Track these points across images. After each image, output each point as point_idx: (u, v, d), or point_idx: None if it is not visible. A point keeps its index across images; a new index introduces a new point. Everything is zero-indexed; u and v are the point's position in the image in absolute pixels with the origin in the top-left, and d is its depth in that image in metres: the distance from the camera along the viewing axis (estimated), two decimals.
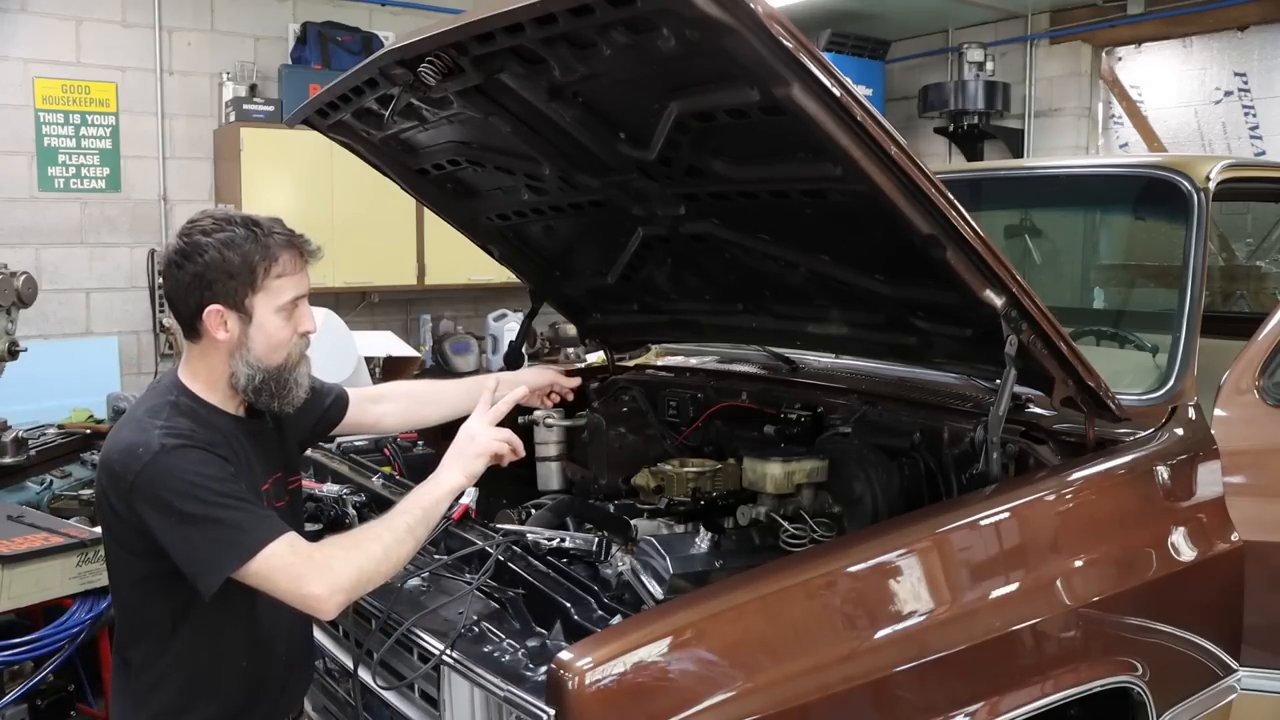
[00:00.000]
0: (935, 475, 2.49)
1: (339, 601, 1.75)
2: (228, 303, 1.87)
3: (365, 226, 6.53)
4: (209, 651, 1.92)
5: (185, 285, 1.87)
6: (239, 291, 1.87)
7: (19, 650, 2.96)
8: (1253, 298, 4.63)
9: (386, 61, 2.21)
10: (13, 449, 4.17)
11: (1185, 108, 6.90)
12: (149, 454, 1.77)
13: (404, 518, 1.86)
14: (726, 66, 1.77)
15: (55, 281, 6.17)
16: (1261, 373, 2.47)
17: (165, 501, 1.75)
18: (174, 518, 1.74)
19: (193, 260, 1.86)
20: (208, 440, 1.84)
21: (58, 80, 6.21)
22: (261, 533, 1.75)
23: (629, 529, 2.42)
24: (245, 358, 1.91)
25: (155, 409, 1.88)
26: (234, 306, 1.88)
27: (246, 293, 1.88)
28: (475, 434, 2.03)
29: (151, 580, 1.87)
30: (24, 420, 4.59)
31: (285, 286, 1.91)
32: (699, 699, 1.60)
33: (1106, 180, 3.29)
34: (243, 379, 1.91)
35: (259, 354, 1.91)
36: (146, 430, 1.81)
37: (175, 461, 1.77)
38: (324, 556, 1.77)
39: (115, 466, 1.80)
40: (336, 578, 1.75)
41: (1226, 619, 2.33)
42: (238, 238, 1.87)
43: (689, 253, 2.71)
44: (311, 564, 1.75)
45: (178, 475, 1.76)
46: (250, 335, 1.90)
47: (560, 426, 3.30)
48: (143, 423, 1.84)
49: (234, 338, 1.89)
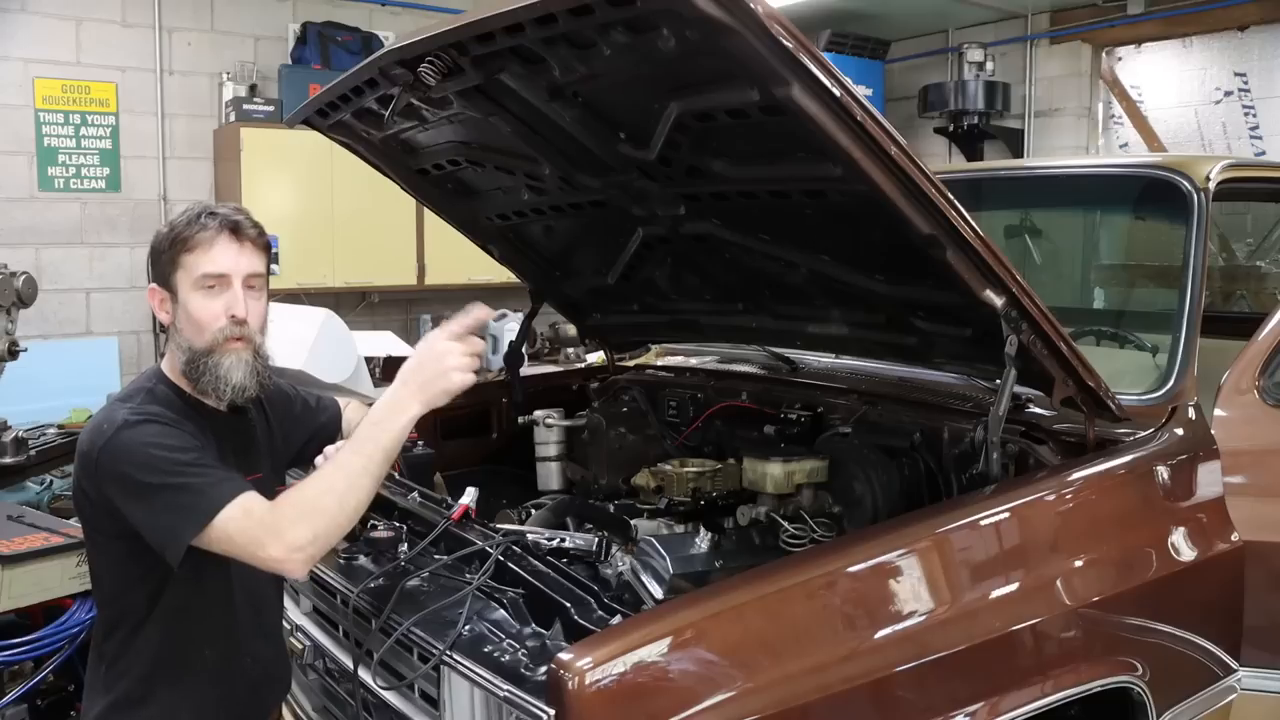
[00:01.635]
0: (935, 475, 2.49)
1: (300, 559, 1.72)
2: (160, 281, 1.92)
3: (365, 226, 6.53)
4: (176, 639, 1.91)
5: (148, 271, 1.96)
6: (166, 269, 1.90)
7: (19, 650, 2.96)
8: (1253, 298, 4.63)
9: (386, 61, 2.21)
10: (13, 449, 4.16)
11: (1185, 108, 6.90)
12: (111, 429, 1.79)
13: (358, 459, 1.80)
14: (726, 66, 1.77)
15: (55, 281, 6.17)
16: (1261, 373, 2.47)
17: (126, 475, 1.76)
18: (135, 490, 1.75)
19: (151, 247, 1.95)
20: (176, 419, 1.84)
21: (58, 80, 6.21)
22: (217, 496, 1.73)
23: (629, 529, 2.42)
24: (178, 339, 1.92)
25: (130, 394, 1.91)
26: (164, 284, 1.91)
27: (171, 270, 1.90)
28: (441, 352, 1.89)
29: (125, 564, 1.87)
30: (24, 420, 4.58)
31: (198, 260, 1.88)
32: (699, 699, 1.60)
33: (1106, 180, 3.29)
34: (180, 362, 1.91)
35: (186, 334, 1.90)
36: (114, 411, 1.85)
37: (135, 435, 1.78)
38: (276, 517, 1.73)
39: (83, 447, 1.83)
40: (292, 536, 1.71)
41: (1226, 619, 2.33)
42: (178, 219, 1.91)
43: (689, 253, 2.71)
44: (264, 527, 1.72)
45: (137, 448, 1.76)
46: (179, 315, 1.91)
47: (560, 426, 3.31)
48: (114, 406, 1.88)
49: (171, 319, 1.92)
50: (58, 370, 5.77)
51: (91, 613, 3.06)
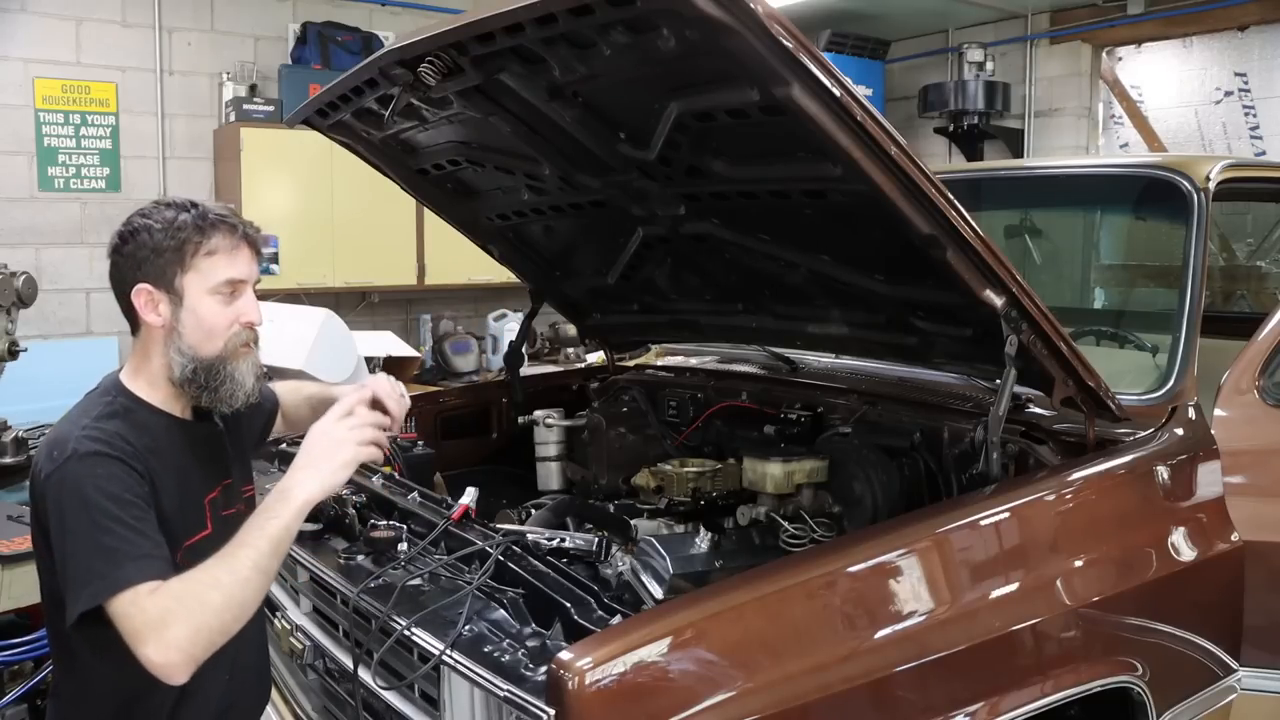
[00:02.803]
0: (935, 475, 2.49)
1: (176, 662, 1.56)
2: (157, 282, 1.78)
3: (365, 226, 6.52)
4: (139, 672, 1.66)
5: (120, 269, 1.80)
6: (168, 270, 1.78)
7: (19, 650, 2.96)
8: (1253, 298, 4.63)
9: (386, 61, 2.21)
10: (13, 449, 4.17)
11: (1185, 108, 6.89)
12: (62, 456, 1.68)
13: (248, 552, 1.65)
14: (726, 66, 1.77)
15: (55, 281, 6.17)
16: (1261, 373, 2.47)
17: (61, 509, 1.67)
18: (61, 531, 1.66)
19: (127, 242, 1.80)
20: (130, 450, 1.72)
21: (58, 80, 6.20)
22: (129, 574, 1.60)
23: (629, 529, 2.42)
24: (178, 345, 1.80)
25: (88, 407, 1.80)
26: (164, 287, 1.78)
27: (176, 271, 1.78)
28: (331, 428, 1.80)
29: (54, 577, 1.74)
30: (24, 420, 4.59)
31: (218, 266, 1.80)
32: (699, 699, 1.60)
33: (1106, 180, 3.29)
34: (176, 369, 1.80)
35: (191, 341, 1.80)
36: (71, 429, 1.74)
37: (82, 470, 1.67)
38: (160, 612, 1.57)
39: (36, 463, 1.75)
40: (170, 638, 1.56)
41: (1226, 619, 2.33)
42: (171, 216, 1.79)
43: (689, 253, 2.71)
44: (147, 622, 1.57)
45: (78, 486, 1.66)
46: (182, 319, 1.79)
47: (560, 426, 3.31)
48: (73, 420, 1.77)
49: (167, 323, 1.80)
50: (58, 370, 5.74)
51: None
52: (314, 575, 2.39)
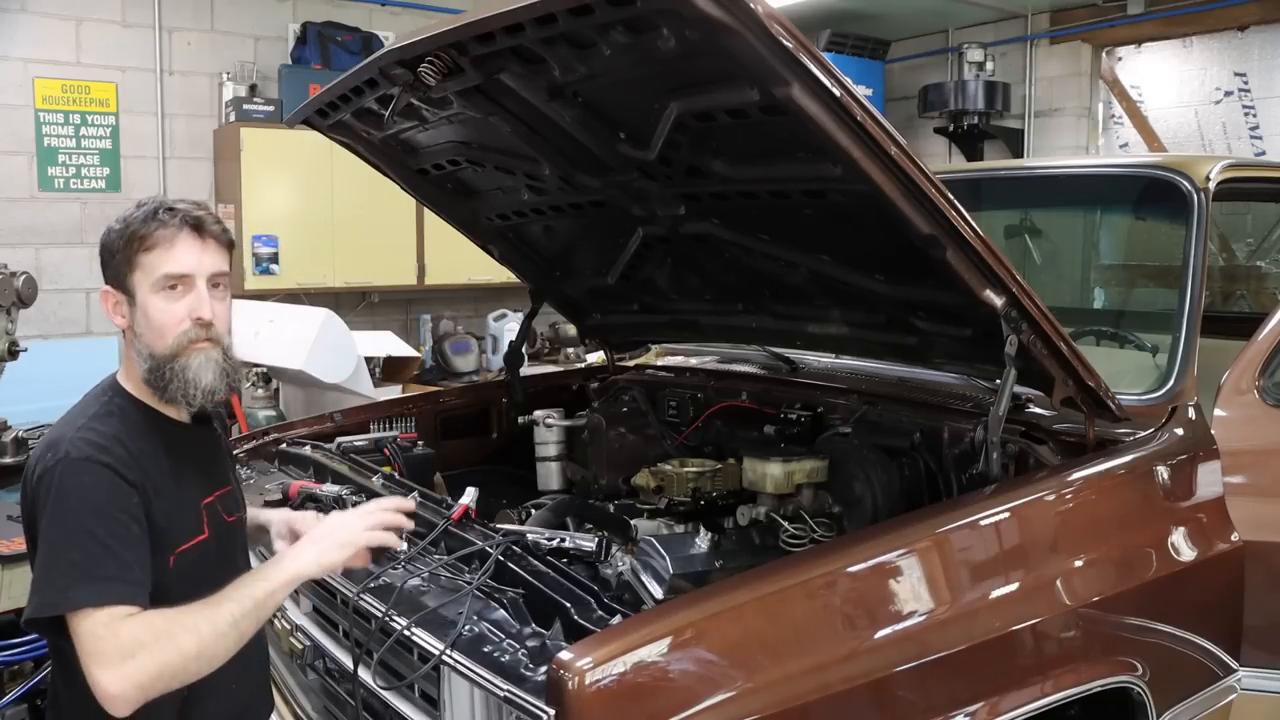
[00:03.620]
0: (935, 475, 2.49)
1: (129, 698, 1.54)
2: (114, 283, 1.78)
3: (365, 226, 6.53)
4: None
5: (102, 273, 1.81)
6: (121, 270, 1.77)
7: (19, 650, 2.96)
8: (1253, 298, 4.63)
9: (386, 61, 2.21)
10: (13, 449, 4.17)
11: (1185, 108, 6.89)
12: (55, 459, 1.67)
13: (231, 607, 1.65)
14: (726, 66, 1.77)
15: (55, 281, 6.17)
16: (1261, 373, 2.47)
17: (46, 511, 1.66)
18: (45, 532, 1.66)
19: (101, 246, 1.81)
20: (123, 456, 1.70)
21: (58, 80, 6.20)
22: (96, 592, 1.58)
23: (629, 529, 2.42)
24: (137, 345, 1.78)
25: (86, 406, 1.79)
26: (119, 286, 1.78)
27: (126, 270, 1.76)
28: (349, 522, 1.86)
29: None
30: (24, 420, 4.59)
31: (159, 261, 1.75)
32: (699, 699, 1.60)
33: (1106, 180, 3.29)
34: (140, 370, 1.78)
35: (146, 340, 1.77)
36: (66, 429, 1.73)
37: (71, 475, 1.66)
38: (130, 642, 1.56)
39: (30, 463, 1.73)
40: (133, 669, 1.55)
41: (1226, 619, 2.33)
42: (132, 216, 1.77)
43: (689, 253, 2.71)
44: (117, 647, 1.56)
45: (63, 491, 1.65)
46: (137, 319, 1.77)
47: (560, 426, 3.31)
48: (70, 420, 1.76)
49: (128, 323, 1.79)
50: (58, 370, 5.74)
51: None
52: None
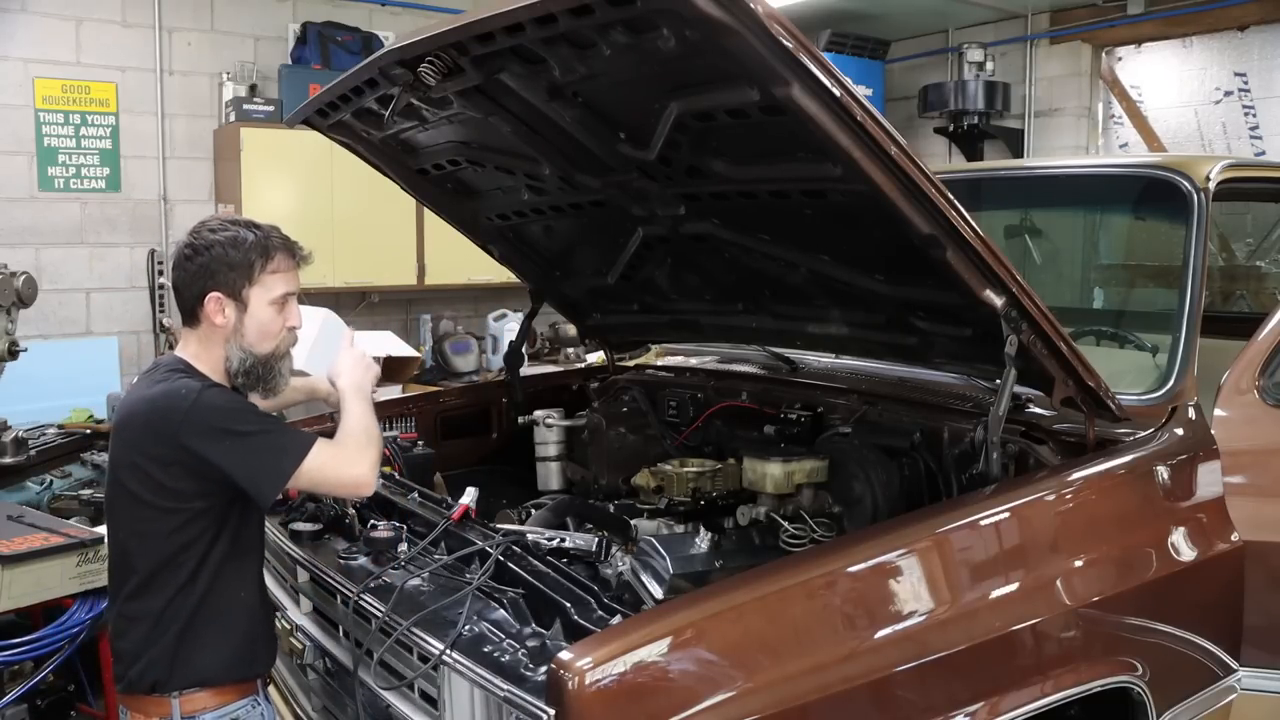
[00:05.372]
0: (935, 475, 2.49)
1: (374, 469, 2.13)
2: (227, 291, 2.11)
3: (365, 226, 6.53)
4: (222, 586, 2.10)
5: (191, 275, 2.12)
6: (237, 282, 2.11)
7: (19, 650, 2.95)
8: (1253, 298, 4.63)
9: (386, 61, 2.21)
10: (13, 449, 4.17)
11: (1185, 108, 6.89)
12: (193, 394, 2.01)
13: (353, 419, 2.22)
14: (726, 66, 1.77)
15: (55, 281, 6.17)
16: (1261, 373, 2.47)
17: (219, 428, 2.00)
18: (231, 439, 2.00)
19: (200, 254, 2.12)
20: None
21: (58, 80, 6.20)
22: (305, 439, 2.06)
23: (629, 529, 2.42)
24: (239, 343, 2.14)
25: (170, 376, 2.09)
26: (232, 295, 2.12)
27: (244, 284, 2.12)
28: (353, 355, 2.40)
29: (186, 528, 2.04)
30: (24, 420, 4.59)
31: (278, 282, 2.15)
32: (699, 699, 1.60)
33: (1106, 180, 3.29)
34: (235, 362, 2.15)
35: (250, 340, 2.14)
36: (176, 383, 2.05)
37: (217, 397, 2.05)
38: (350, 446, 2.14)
39: (157, 414, 2.01)
40: (365, 456, 2.13)
41: (1226, 619, 2.33)
42: (241, 237, 2.13)
43: (689, 253, 2.71)
44: (346, 454, 2.12)
45: (224, 406, 2.04)
46: (245, 323, 2.13)
47: (560, 426, 3.31)
48: (170, 381, 2.06)
49: (230, 324, 2.13)
50: (58, 370, 5.77)
51: (91, 613, 3.06)
52: (314, 575, 2.39)
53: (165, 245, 6.55)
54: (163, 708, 2.08)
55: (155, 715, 2.09)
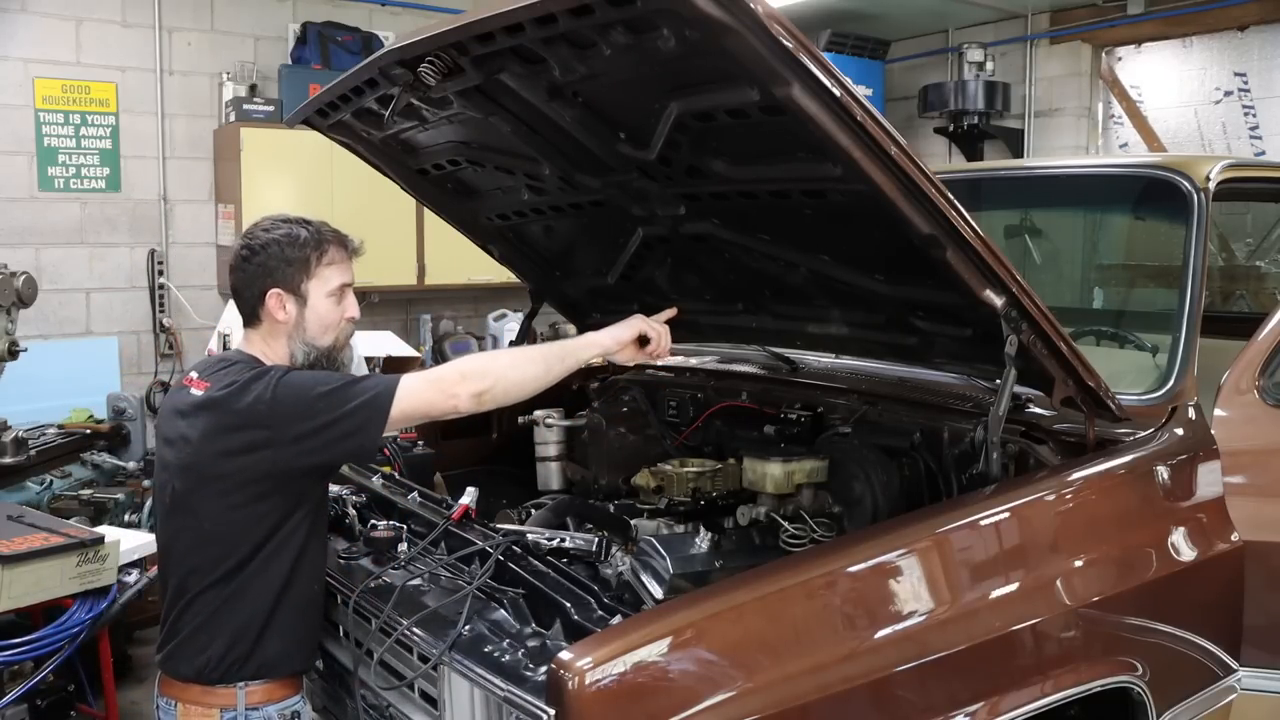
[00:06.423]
0: (935, 475, 2.49)
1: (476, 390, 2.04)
2: (286, 287, 2.17)
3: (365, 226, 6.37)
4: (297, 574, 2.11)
5: (251, 275, 2.17)
6: (295, 277, 2.17)
7: (19, 650, 2.95)
8: (1253, 298, 4.63)
9: (386, 61, 2.21)
10: (13, 449, 4.17)
11: (1185, 108, 6.89)
12: (279, 373, 2.06)
13: (542, 347, 2.21)
14: (726, 66, 1.77)
15: (55, 281, 6.16)
16: (1261, 373, 2.47)
17: (308, 394, 2.01)
18: (323, 400, 2.01)
19: (258, 253, 2.17)
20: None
21: (58, 80, 6.20)
22: (390, 379, 2.04)
23: (629, 529, 2.42)
24: (301, 337, 2.19)
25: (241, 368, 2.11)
26: (292, 291, 2.17)
27: (302, 279, 2.17)
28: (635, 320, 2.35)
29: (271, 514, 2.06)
30: (24, 420, 4.59)
31: (334, 274, 2.21)
32: (699, 699, 1.60)
33: (1106, 180, 3.29)
34: (299, 357, 2.20)
35: (312, 334, 2.20)
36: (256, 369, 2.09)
37: (302, 373, 2.11)
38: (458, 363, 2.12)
39: (250, 390, 2.02)
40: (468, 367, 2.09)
41: (1226, 619, 2.33)
42: (294, 233, 2.18)
43: (689, 253, 2.71)
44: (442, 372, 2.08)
45: (308, 377, 2.08)
46: (305, 317, 2.19)
47: (560, 426, 3.30)
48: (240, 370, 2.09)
49: (291, 319, 2.18)
50: (58, 370, 5.77)
51: (91, 613, 3.06)
52: None
53: (165, 245, 6.56)
54: (227, 698, 2.09)
55: (216, 706, 2.09)
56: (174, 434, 2.14)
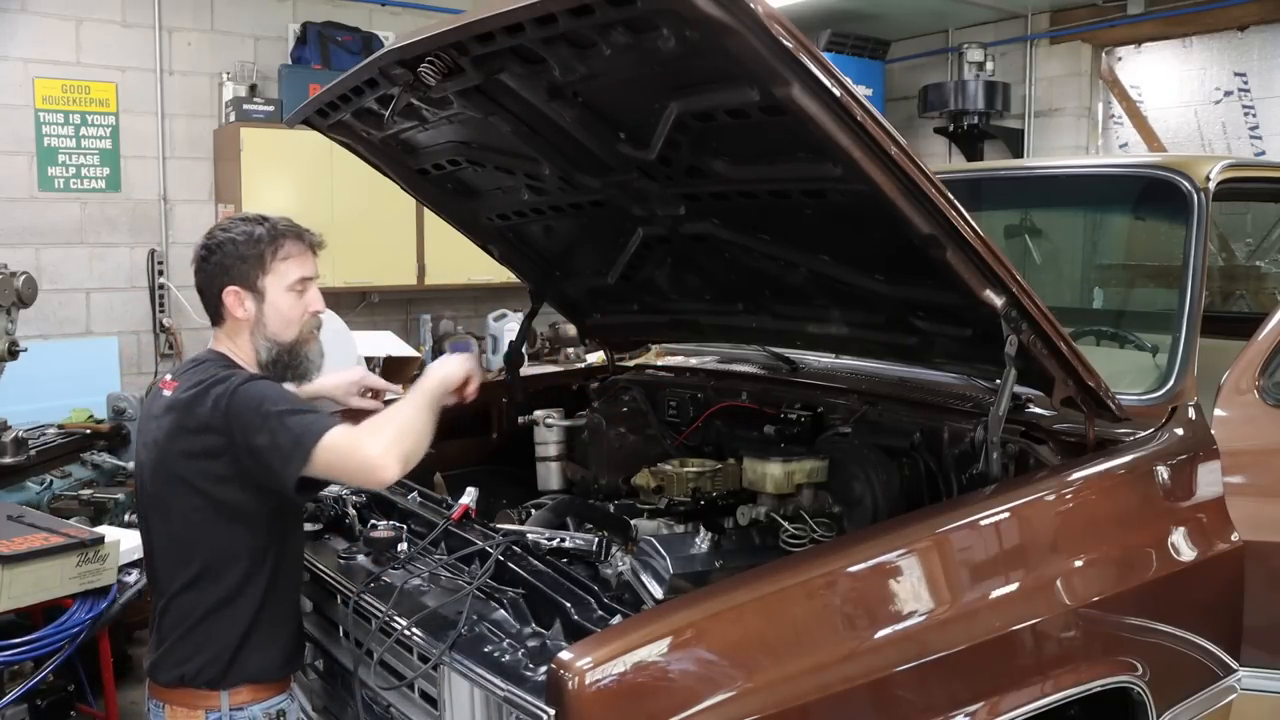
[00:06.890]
0: (935, 475, 2.49)
1: (395, 455, 1.97)
2: (243, 284, 2.17)
3: (365, 226, 6.52)
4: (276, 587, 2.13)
5: (210, 274, 2.19)
6: (251, 274, 2.17)
7: (19, 650, 2.95)
8: (1253, 298, 4.63)
9: (386, 61, 2.21)
10: (13, 449, 4.16)
11: (1185, 108, 6.89)
12: (240, 379, 2.07)
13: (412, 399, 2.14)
14: (726, 66, 1.77)
15: (55, 281, 6.17)
16: (1261, 373, 2.47)
17: (257, 407, 2.02)
18: (263, 416, 2.01)
19: (214, 253, 2.19)
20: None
21: (58, 80, 6.21)
22: (327, 422, 2.03)
23: (629, 529, 2.42)
24: (263, 333, 2.20)
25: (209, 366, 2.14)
26: (249, 287, 2.18)
27: (258, 274, 2.18)
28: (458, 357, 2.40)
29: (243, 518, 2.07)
30: (24, 420, 4.58)
31: (290, 268, 2.20)
32: (699, 699, 1.60)
33: (1106, 180, 3.29)
34: (263, 353, 2.20)
35: (274, 329, 2.20)
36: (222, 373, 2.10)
37: (261, 384, 2.09)
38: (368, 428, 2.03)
39: (210, 394, 2.04)
40: (383, 437, 1.99)
41: (1226, 619, 2.33)
42: (250, 230, 2.19)
43: (689, 253, 2.71)
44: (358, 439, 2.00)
45: (266, 390, 2.07)
46: (265, 313, 2.19)
47: (560, 426, 3.30)
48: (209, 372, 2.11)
49: (251, 316, 2.19)
50: (58, 370, 5.77)
51: (91, 613, 3.06)
52: (314, 575, 2.39)
53: (165, 245, 6.56)
54: (210, 701, 2.10)
55: (200, 708, 2.11)
56: (148, 436, 2.18)
